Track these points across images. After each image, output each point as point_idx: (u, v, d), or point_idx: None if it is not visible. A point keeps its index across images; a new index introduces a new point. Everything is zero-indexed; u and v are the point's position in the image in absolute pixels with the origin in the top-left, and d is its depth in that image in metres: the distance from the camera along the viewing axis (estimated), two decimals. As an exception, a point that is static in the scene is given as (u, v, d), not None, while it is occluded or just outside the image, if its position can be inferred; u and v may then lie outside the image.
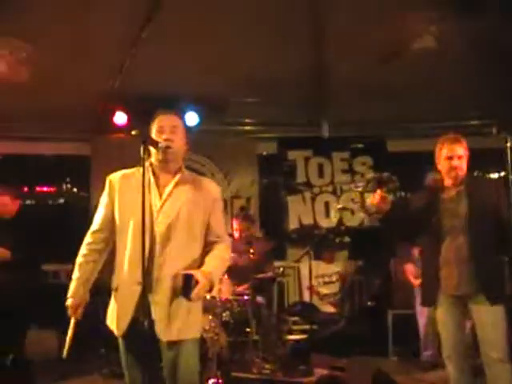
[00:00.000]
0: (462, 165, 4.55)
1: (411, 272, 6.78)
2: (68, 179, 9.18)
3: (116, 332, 3.54)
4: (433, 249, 4.57)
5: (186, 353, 3.51)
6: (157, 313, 3.41)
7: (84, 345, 7.30)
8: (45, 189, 9.12)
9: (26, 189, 8.87)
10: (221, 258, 3.62)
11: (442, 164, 4.62)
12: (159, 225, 3.47)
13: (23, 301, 6.05)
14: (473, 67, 6.94)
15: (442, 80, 7.27)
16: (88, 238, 3.78)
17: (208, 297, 5.81)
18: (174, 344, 3.45)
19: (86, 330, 7.31)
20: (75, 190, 9.22)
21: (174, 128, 3.62)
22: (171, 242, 3.46)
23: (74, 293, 3.71)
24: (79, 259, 3.75)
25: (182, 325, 3.45)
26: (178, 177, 3.60)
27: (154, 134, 3.60)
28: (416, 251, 6.55)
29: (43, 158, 8.84)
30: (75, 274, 3.75)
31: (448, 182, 4.61)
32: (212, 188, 3.77)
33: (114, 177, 3.74)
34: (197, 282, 3.31)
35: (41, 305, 6.75)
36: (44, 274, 8.27)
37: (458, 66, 6.95)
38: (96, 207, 8.64)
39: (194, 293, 3.29)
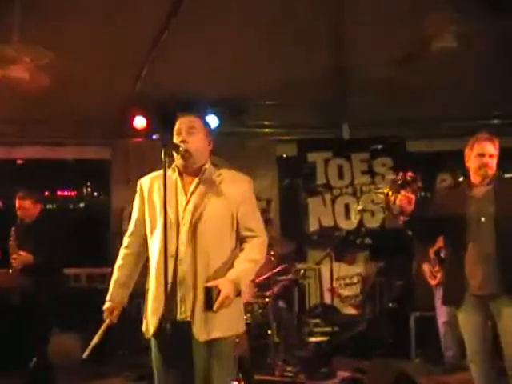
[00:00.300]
0: (493, 163, 4.48)
1: (427, 272, 6.74)
2: (88, 183, 9.24)
3: (146, 333, 3.55)
4: (457, 248, 4.53)
5: (222, 353, 3.46)
6: (189, 312, 3.38)
7: (105, 347, 7.42)
8: (66, 193, 9.19)
9: (47, 193, 8.93)
10: (250, 260, 3.53)
11: (471, 161, 4.56)
12: (185, 223, 3.45)
13: (45, 304, 6.08)
14: (494, 66, 6.90)
15: (462, 80, 7.22)
16: (124, 242, 3.79)
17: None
18: (209, 344, 3.40)
19: (109, 334, 7.42)
20: (96, 193, 9.28)
21: (191, 129, 3.60)
22: (198, 240, 3.43)
23: (111, 296, 3.72)
24: (117, 262, 3.77)
25: (218, 324, 3.40)
26: (201, 175, 3.58)
27: (174, 138, 3.60)
28: (432, 251, 6.52)
29: (64, 163, 8.88)
30: (113, 278, 3.76)
31: (476, 179, 4.55)
32: (239, 181, 3.72)
33: (144, 180, 3.74)
34: (219, 292, 3.27)
35: (62, 308, 6.80)
36: (65, 278, 8.33)
37: (479, 66, 6.91)
38: (116, 211, 8.75)
39: (216, 305, 3.25)
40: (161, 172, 3.57)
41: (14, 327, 6.19)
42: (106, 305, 3.71)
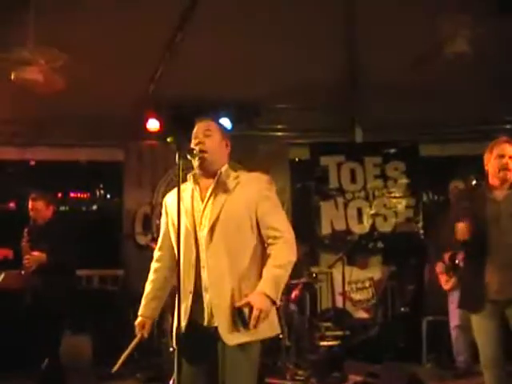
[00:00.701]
0: None
1: (441, 276, 6.70)
2: (101, 185, 9.26)
3: (171, 341, 3.57)
4: (477, 251, 4.49)
5: (250, 356, 3.45)
6: (217, 317, 3.37)
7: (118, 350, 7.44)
8: (79, 194, 9.21)
9: (60, 194, 8.95)
10: (277, 265, 3.42)
11: (491, 164, 4.50)
12: (203, 229, 3.44)
13: (57, 305, 6.10)
14: (508, 70, 6.87)
15: (475, 84, 7.21)
16: (154, 256, 3.80)
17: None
18: (236, 348, 3.37)
19: (120, 336, 7.44)
20: (108, 195, 9.30)
21: (207, 131, 3.59)
22: (218, 245, 3.41)
23: (142, 311, 3.73)
24: (149, 277, 3.77)
25: (227, 330, 3.35)
26: (216, 178, 3.54)
27: (192, 142, 3.60)
28: (446, 255, 6.49)
29: (77, 164, 8.91)
30: (144, 292, 3.76)
31: (495, 182, 4.49)
32: (257, 180, 3.67)
33: (168, 195, 3.73)
34: (251, 309, 3.23)
35: (74, 310, 6.82)
36: (77, 280, 8.36)
37: (492, 70, 6.89)
38: (128, 213, 8.74)
39: (252, 323, 3.22)
40: (183, 186, 3.59)
41: (26, 328, 6.20)
42: (138, 320, 3.71)
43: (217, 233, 3.42)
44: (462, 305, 4.77)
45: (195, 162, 3.54)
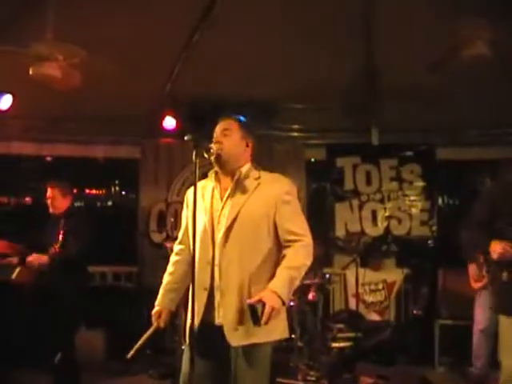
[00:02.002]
0: None
1: (473, 275, 6.57)
2: (117, 182, 9.29)
3: (183, 337, 3.60)
4: None
5: (259, 358, 3.48)
6: (224, 317, 3.42)
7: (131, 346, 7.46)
8: (94, 191, 9.25)
9: (75, 190, 8.99)
10: (291, 267, 3.46)
11: None
12: (220, 228, 3.47)
13: (71, 301, 6.12)
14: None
15: (492, 87, 7.16)
16: (174, 249, 3.87)
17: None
18: (246, 348, 3.41)
19: (133, 333, 7.46)
20: (124, 192, 9.32)
21: (225, 130, 3.62)
22: (233, 244, 3.43)
23: (159, 301, 3.79)
24: (167, 269, 3.83)
25: (256, 330, 3.36)
26: (235, 178, 3.58)
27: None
28: (481, 256, 6.40)
29: (93, 161, 8.94)
30: (162, 283, 3.82)
31: None
32: (278, 183, 3.69)
33: (190, 190, 3.74)
34: (263, 306, 3.25)
35: (88, 306, 6.84)
36: (89, 275, 8.39)
37: (509, 73, 6.84)
38: (144, 210, 8.78)
39: (264, 320, 3.24)
40: (204, 182, 3.61)
41: (40, 324, 6.23)
42: (155, 309, 3.76)
43: (233, 233, 3.45)
44: (500, 310, 4.69)
45: (213, 161, 3.56)
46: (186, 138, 3.38)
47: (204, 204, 3.54)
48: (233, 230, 3.44)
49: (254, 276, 3.44)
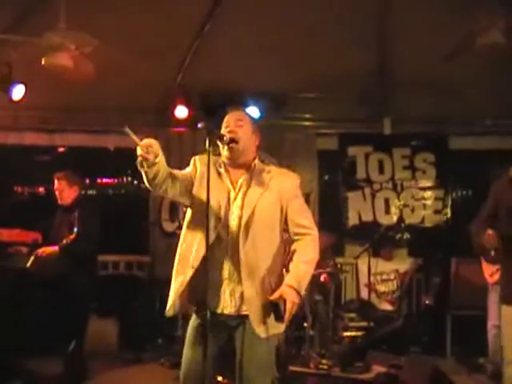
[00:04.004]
0: None
1: (487, 270, 6.55)
2: (129, 171, 9.29)
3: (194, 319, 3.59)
4: None
5: (267, 345, 3.54)
6: (250, 309, 3.45)
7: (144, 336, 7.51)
8: (105, 180, 9.26)
9: (87, 180, 9.01)
10: (305, 261, 3.57)
11: None
12: (235, 219, 3.49)
13: (81, 289, 6.15)
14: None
15: (506, 76, 7.11)
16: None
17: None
18: (256, 337, 3.46)
19: (145, 322, 7.50)
20: (136, 182, 9.33)
21: (238, 121, 3.62)
22: (248, 236, 3.46)
23: None
24: None
25: (259, 322, 3.46)
26: (251, 170, 3.61)
27: (222, 130, 3.61)
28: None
29: (105, 151, 8.96)
30: None
31: None
32: (288, 177, 3.74)
33: (200, 156, 3.72)
34: (285, 303, 3.34)
35: (100, 294, 6.88)
36: (104, 264, 8.42)
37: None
38: (155, 200, 8.77)
39: (287, 316, 3.34)
40: (215, 159, 3.62)
41: (53, 312, 6.26)
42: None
43: (248, 225, 3.47)
44: (502, 299, 4.67)
45: (224, 151, 3.55)
46: (199, 125, 3.38)
47: (215, 192, 3.47)
48: (248, 222, 3.47)
49: (271, 268, 3.51)
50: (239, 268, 3.44)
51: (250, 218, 3.47)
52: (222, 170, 3.60)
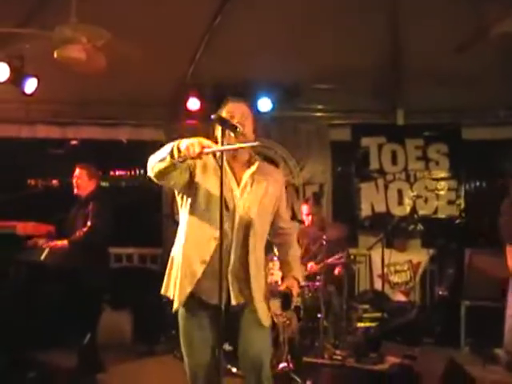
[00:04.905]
0: None
1: (510, 259, 6.45)
2: (141, 164, 9.31)
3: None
4: None
5: (266, 328, 3.64)
6: (256, 299, 3.54)
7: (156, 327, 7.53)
8: (118, 173, 9.28)
9: (100, 172, 9.05)
10: (298, 258, 3.88)
11: None
12: (239, 212, 3.52)
13: (97, 282, 6.17)
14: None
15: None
16: None
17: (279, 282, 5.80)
18: (257, 322, 3.57)
19: (159, 314, 7.51)
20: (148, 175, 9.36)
21: (243, 115, 3.63)
22: (254, 228, 3.53)
23: None
24: None
25: (264, 311, 3.60)
26: (255, 166, 3.63)
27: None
28: None
29: (118, 143, 8.98)
30: None
31: None
32: (278, 174, 3.89)
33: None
34: (292, 294, 3.57)
35: (114, 287, 6.90)
36: (117, 257, 8.45)
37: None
38: (168, 193, 8.79)
39: (292, 305, 3.60)
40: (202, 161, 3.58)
41: (66, 304, 6.29)
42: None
43: (257, 220, 3.55)
44: None
45: (231, 140, 3.54)
46: (212, 116, 3.38)
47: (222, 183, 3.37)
48: (255, 216, 3.54)
49: (260, 258, 3.65)
50: (246, 260, 3.51)
51: (255, 212, 3.54)
52: (225, 164, 3.55)
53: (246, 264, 3.50)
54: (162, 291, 3.70)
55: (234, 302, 3.51)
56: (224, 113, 3.64)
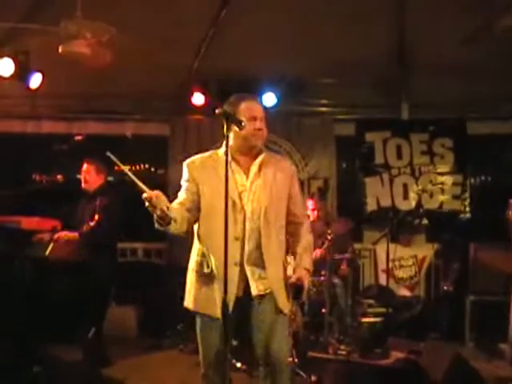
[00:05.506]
0: None
1: None
2: (147, 159, 9.32)
3: (213, 312, 3.54)
4: None
5: (284, 318, 3.70)
6: (275, 290, 3.62)
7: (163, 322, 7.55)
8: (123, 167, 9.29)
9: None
10: (310, 248, 3.85)
11: None
12: (250, 204, 3.60)
13: (102, 277, 6.19)
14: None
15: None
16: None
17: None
18: (275, 312, 3.63)
19: (164, 308, 7.53)
20: (153, 169, 9.37)
21: (262, 118, 3.70)
22: (262, 219, 3.58)
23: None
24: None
25: (284, 299, 3.66)
26: (261, 157, 3.70)
27: (242, 120, 3.58)
28: None
29: (123, 138, 8.98)
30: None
31: None
32: (288, 165, 3.91)
33: (191, 161, 3.79)
34: (303, 285, 3.57)
35: (119, 281, 6.91)
36: (123, 251, 8.46)
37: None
38: (173, 186, 8.81)
39: (305, 295, 3.62)
40: (207, 154, 3.76)
41: (72, 299, 6.30)
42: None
43: (268, 210, 3.61)
44: None
45: (248, 141, 3.64)
46: (216, 111, 3.39)
47: (223, 181, 3.33)
48: (265, 207, 3.59)
49: (284, 250, 3.74)
50: (260, 250, 3.57)
51: (265, 203, 3.60)
52: (222, 158, 3.55)
53: (261, 253, 3.57)
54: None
55: (254, 293, 3.59)
56: (243, 112, 3.65)
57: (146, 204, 3.33)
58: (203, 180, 3.66)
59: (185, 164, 3.80)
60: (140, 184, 3.42)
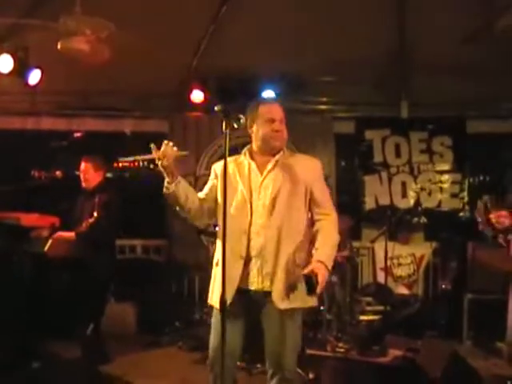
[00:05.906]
0: None
1: None
2: (145, 155, 9.31)
3: (216, 304, 3.57)
4: None
5: (296, 321, 3.73)
6: (273, 284, 3.62)
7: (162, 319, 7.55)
8: (121, 165, 9.28)
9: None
10: (332, 244, 3.78)
11: None
12: (261, 198, 3.67)
13: (100, 273, 6.19)
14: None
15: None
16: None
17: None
18: (285, 312, 3.63)
19: (163, 305, 7.54)
20: (152, 165, 9.36)
21: (282, 120, 3.79)
22: (274, 215, 3.63)
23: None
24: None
25: (296, 295, 3.64)
26: (278, 155, 3.78)
27: (261, 123, 3.76)
28: None
29: (122, 135, 8.98)
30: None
31: None
32: (312, 162, 3.93)
33: (218, 164, 3.93)
34: (316, 277, 3.51)
35: (118, 278, 6.91)
36: (122, 248, 8.46)
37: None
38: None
39: (319, 289, 3.53)
40: (236, 157, 3.87)
41: (71, 295, 6.31)
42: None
43: (275, 204, 3.65)
44: None
45: (268, 144, 3.77)
46: (215, 108, 3.42)
47: (241, 178, 3.74)
48: (275, 201, 3.66)
49: (297, 246, 3.70)
50: (265, 246, 3.62)
51: (274, 198, 3.65)
52: (246, 161, 3.80)
53: (272, 248, 3.62)
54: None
55: (253, 287, 3.64)
56: (262, 116, 3.78)
57: (159, 163, 3.72)
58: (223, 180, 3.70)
59: (213, 166, 4.00)
60: (147, 156, 3.80)
